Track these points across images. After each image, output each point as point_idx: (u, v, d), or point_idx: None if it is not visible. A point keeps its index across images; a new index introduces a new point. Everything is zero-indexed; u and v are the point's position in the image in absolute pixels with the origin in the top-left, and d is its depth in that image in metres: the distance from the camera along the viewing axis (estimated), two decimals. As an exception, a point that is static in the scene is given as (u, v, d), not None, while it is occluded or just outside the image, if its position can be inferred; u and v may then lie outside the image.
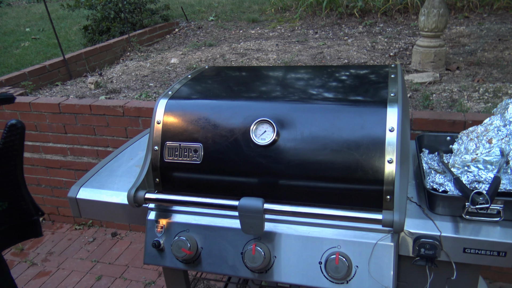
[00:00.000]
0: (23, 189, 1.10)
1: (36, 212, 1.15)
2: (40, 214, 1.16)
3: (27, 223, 1.13)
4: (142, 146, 1.79)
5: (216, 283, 2.68)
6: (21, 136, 1.05)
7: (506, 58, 3.52)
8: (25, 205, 1.11)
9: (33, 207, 1.13)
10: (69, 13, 6.82)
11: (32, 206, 1.13)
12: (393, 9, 5.01)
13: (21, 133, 1.04)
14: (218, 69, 1.74)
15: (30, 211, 1.12)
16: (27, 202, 1.11)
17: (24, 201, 1.11)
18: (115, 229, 3.38)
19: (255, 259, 1.21)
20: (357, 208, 1.16)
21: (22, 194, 1.10)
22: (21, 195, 1.10)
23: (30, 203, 1.12)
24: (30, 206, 1.12)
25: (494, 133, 1.30)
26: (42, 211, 1.16)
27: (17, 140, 1.04)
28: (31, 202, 1.13)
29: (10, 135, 1.03)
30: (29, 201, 1.12)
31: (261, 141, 1.21)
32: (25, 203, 1.11)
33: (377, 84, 1.37)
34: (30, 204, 1.12)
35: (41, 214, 1.17)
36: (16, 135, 1.04)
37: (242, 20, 5.79)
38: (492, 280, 2.49)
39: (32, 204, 1.13)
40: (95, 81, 3.76)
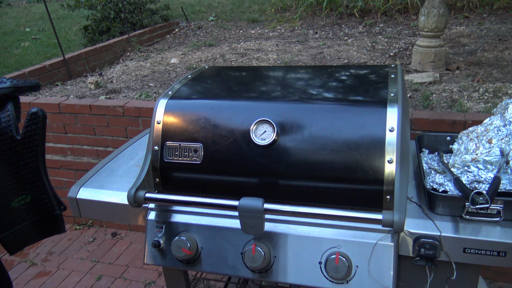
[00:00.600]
0: (45, 182, 1.06)
1: (59, 207, 1.11)
2: (62, 209, 1.12)
3: (49, 218, 1.10)
4: (142, 146, 1.79)
5: (216, 283, 2.68)
6: (42, 125, 1.01)
7: (506, 58, 3.52)
8: (47, 198, 1.07)
9: (56, 201, 1.10)
10: (69, 13, 6.82)
11: (54, 200, 1.09)
12: (393, 9, 5.01)
13: (42, 121, 1.00)
14: (218, 69, 1.74)
15: (52, 205, 1.09)
16: (50, 196, 1.08)
17: (46, 194, 1.07)
18: (115, 229, 3.38)
19: (255, 259, 1.21)
20: (357, 208, 1.16)
21: (45, 187, 1.06)
22: (44, 188, 1.06)
23: (52, 197, 1.08)
24: (53, 199, 1.09)
25: (494, 133, 1.30)
26: (64, 205, 1.11)
27: (38, 129, 1.00)
28: (54, 196, 1.09)
29: (31, 124, 0.99)
30: (52, 195, 1.08)
31: (261, 141, 1.21)
32: (47, 196, 1.07)
33: (377, 84, 1.37)
34: (52, 198, 1.08)
35: (63, 209, 1.12)
36: (37, 123, 1.00)
37: (242, 20, 5.79)
38: (492, 280, 2.49)
39: (54, 197, 1.09)
40: (95, 81, 3.76)
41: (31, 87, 1.01)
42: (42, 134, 1.02)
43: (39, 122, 1.00)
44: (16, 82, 0.98)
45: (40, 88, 1.05)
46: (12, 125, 0.97)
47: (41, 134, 1.01)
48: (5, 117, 0.96)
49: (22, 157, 1.01)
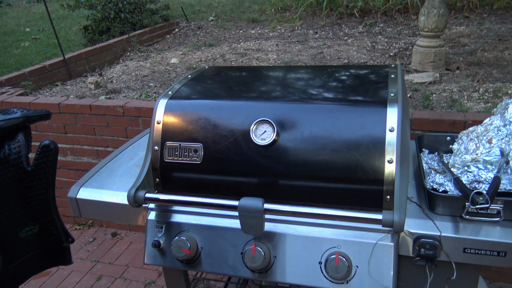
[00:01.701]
0: (54, 214, 1.07)
1: (66, 239, 1.11)
2: (70, 241, 1.12)
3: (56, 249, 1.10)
4: (142, 146, 1.79)
5: (216, 283, 2.68)
6: (53, 158, 1.02)
7: (506, 58, 3.52)
8: (55, 230, 1.08)
9: (63, 234, 1.10)
10: (69, 13, 6.82)
11: (62, 232, 1.09)
12: (393, 9, 5.01)
13: (54, 154, 1.01)
14: (218, 69, 1.74)
15: (60, 237, 1.09)
16: (58, 228, 1.08)
17: (54, 226, 1.07)
18: (115, 229, 3.38)
19: (255, 259, 1.21)
20: (357, 208, 1.16)
21: (53, 219, 1.07)
22: (52, 220, 1.07)
23: (60, 229, 1.09)
24: (61, 232, 1.09)
25: (494, 133, 1.30)
26: (72, 237, 1.12)
27: (49, 162, 1.01)
28: (62, 228, 1.09)
29: (42, 157, 1.00)
30: (60, 227, 1.09)
31: (261, 141, 1.21)
32: (55, 228, 1.07)
33: (377, 84, 1.37)
34: (60, 230, 1.09)
35: (71, 241, 1.12)
36: (48, 156, 1.00)
37: (242, 20, 5.79)
38: (492, 280, 2.49)
39: (62, 230, 1.09)
40: (95, 81, 3.76)
41: (41, 116, 1.01)
42: (53, 167, 1.02)
43: (51, 155, 1.01)
44: (27, 112, 0.99)
45: (50, 116, 1.05)
46: (22, 156, 0.97)
47: (52, 167, 1.02)
48: (16, 148, 0.96)
49: (31, 189, 1.01)
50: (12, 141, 0.96)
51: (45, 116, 1.02)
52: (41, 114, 1.01)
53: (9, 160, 0.96)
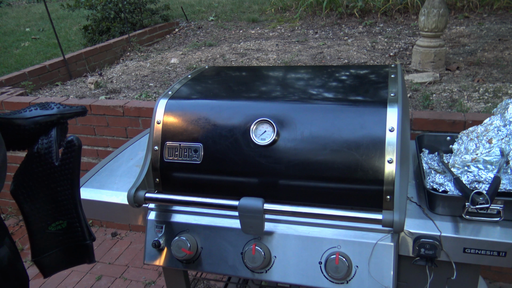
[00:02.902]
0: (79, 211, 1.08)
1: (89, 237, 1.11)
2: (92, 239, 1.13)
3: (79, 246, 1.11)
4: (142, 146, 1.79)
5: (216, 283, 2.68)
6: (77, 154, 1.01)
7: (506, 58, 3.52)
8: (80, 227, 1.08)
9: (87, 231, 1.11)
10: (69, 13, 6.82)
11: (86, 229, 1.10)
12: (393, 9, 5.01)
13: (77, 150, 1.01)
14: (218, 69, 1.74)
15: (84, 234, 1.09)
16: (82, 225, 1.09)
17: (79, 222, 1.08)
18: (115, 229, 3.38)
19: (255, 259, 1.21)
20: (357, 208, 1.16)
21: (79, 216, 1.08)
22: (78, 216, 1.07)
23: (84, 226, 1.09)
24: (85, 229, 1.09)
25: (494, 133, 1.30)
26: (94, 236, 1.12)
27: (72, 158, 1.01)
28: (86, 225, 1.10)
29: (67, 152, 1.00)
30: (84, 224, 1.09)
31: (261, 141, 1.21)
32: (80, 225, 1.08)
33: (377, 84, 1.37)
34: (84, 227, 1.09)
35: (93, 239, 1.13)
36: (71, 152, 1.00)
37: (242, 20, 5.79)
38: (492, 280, 2.49)
39: (86, 227, 1.10)
40: (95, 81, 3.76)
41: (77, 113, 1.02)
42: (77, 163, 1.03)
43: (74, 151, 1.01)
44: (63, 108, 1.00)
45: (86, 113, 1.05)
46: (52, 151, 0.98)
47: (75, 163, 1.02)
48: (47, 143, 0.98)
49: (59, 183, 1.02)
50: (45, 136, 0.98)
51: (80, 113, 1.03)
52: (76, 112, 1.02)
53: (41, 154, 0.98)
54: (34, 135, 0.97)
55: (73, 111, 1.01)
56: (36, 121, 0.96)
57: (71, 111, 1.01)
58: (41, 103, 0.99)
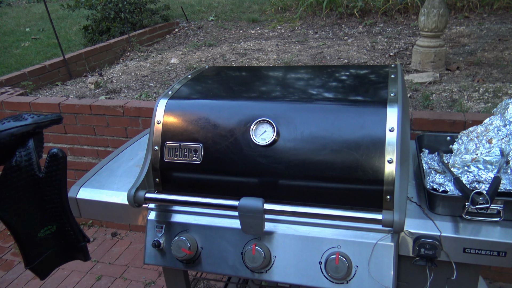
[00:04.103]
0: (69, 216, 1.11)
1: (83, 239, 1.15)
2: (86, 241, 1.16)
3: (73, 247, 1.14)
4: (142, 146, 1.79)
5: (216, 283, 2.68)
6: (63, 165, 1.04)
7: (506, 58, 3.52)
8: (72, 231, 1.12)
9: (80, 234, 1.14)
10: (69, 13, 6.82)
11: (78, 232, 1.14)
12: (393, 9, 5.01)
13: (63, 162, 1.03)
14: (218, 69, 1.74)
15: (77, 237, 1.13)
16: (74, 228, 1.12)
17: (70, 226, 1.11)
18: (115, 229, 3.38)
19: (255, 259, 1.21)
20: (357, 208, 1.16)
21: (69, 220, 1.10)
22: (68, 221, 1.10)
23: (76, 230, 1.13)
24: (77, 232, 1.13)
25: (494, 133, 1.30)
26: (88, 237, 1.15)
27: (59, 170, 1.03)
28: (78, 229, 1.13)
29: (52, 165, 1.02)
30: (76, 228, 1.13)
31: (261, 141, 1.21)
32: (71, 229, 1.12)
33: (377, 84, 1.37)
34: (76, 230, 1.13)
35: (87, 241, 1.16)
36: (58, 164, 1.02)
37: (242, 20, 5.79)
38: (492, 280, 2.49)
39: (78, 230, 1.13)
40: (95, 81, 3.76)
41: (52, 121, 1.02)
42: (64, 174, 1.05)
43: (60, 163, 1.02)
44: (37, 118, 1.00)
45: (62, 121, 1.06)
46: (33, 163, 0.99)
47: (62, 174, 1.04)
48: (26, 155, 0.98)
49: (45, 193, 1.04)
50: (23, 148, 0.98)
51: (56, 121, 1.03)
52: (52, 119, 1.02)
53: (21, 167, 0.98)
54: (11, 148, 0.97)
55: (48, 119, 1.01)
56: (11, 133, 0.96)
57: (46, 120, 1.01)
58: (13, 116, 0.99)
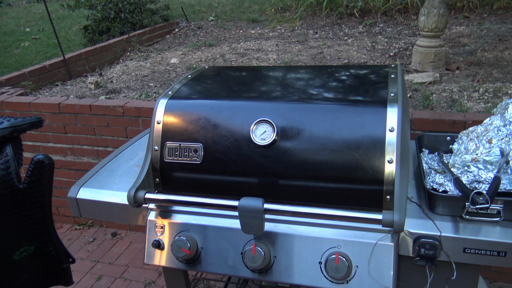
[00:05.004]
0: (51, 233, 0.98)
1: (66, 260, 1.02)
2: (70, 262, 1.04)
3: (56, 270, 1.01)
4: (142, 146, 1.79)
5: (216, 283, 2.68)
6: (49, 174, 0.91)
7: (506, 58, 3.52)
8: (54, 250, 0.99)
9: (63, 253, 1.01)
10: (69, 13, 6.82)
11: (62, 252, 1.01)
12: (393, 9, 5.01)
13: (49, 170, 0.91)
14: (218, 69, 1.74)
15: (59, 257, 1.00)
16: (56, 248, 0.99)
17: (53, 246, 0.98)
18: (115, 229, 3.38)
19: (255, 259, 1.21)
20: (357, 208, 1.16)
21: (51, 239, 0.98)
22: (50, 240, 0.97)
23: (59, 249, 1.00)
24: (60, 252, 1.00)
25: (494, 133, 1.30)
26: (73, 258, 1.03)
27: (44, 180, 0.91)
28: (61, 248, 1.00)
29: (36, 173, 0.90)
30: (59, 247, 1.00)
31: (261, 141, 1.21)
32: (54, 248, 0.99)
33: (377, 84, 1.37)
34: (59, 250, 1.00)
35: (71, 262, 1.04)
36: (43, 173, 0.90)
37: (242, 20, 5.79)
38: (492, 280, 2.49)
39: (62, 250, 1.01)
40: (95, 81, 3.76)
41: (32, 124, 0.92)
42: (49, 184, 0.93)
43: (45, 171, 0.91)
44: (14, 121, 0.89)
45: (42, 124, 0.95)
46: (12, 172, 0.87)
47: (47, 184, 0.92)
48: (3, 164, 0.87)
49: (25, 208, 0.91)
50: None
51: (36, 124, 0.92)
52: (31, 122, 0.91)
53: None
54: None
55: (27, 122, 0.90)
56: None
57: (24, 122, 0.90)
58: None
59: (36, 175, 0.90)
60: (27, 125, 0.91)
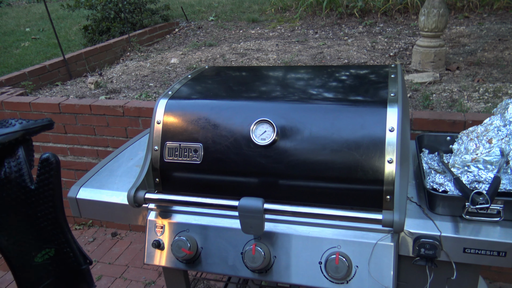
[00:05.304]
0: (67, 234, 0.96)
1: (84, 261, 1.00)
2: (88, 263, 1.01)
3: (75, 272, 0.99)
4: (142, 146, 1.79)
5: (216, 283, 2.68)
6: (56, 172, 0.91)
7: (506, 58, 3.52)
8: (71, 252, 0.97)
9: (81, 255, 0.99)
10: (69, 13, 6.82)
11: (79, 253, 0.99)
12: (393, 9, 5.01)
13: (56, 168, 0.91)
14: (218, 69, 1.74)
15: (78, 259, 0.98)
16: (74, 249, 0.97)
17: (70, 247, 0.96)
18: (115, 229, 3.38)
19: (255, 259, 1.21)
20: (357, 208, 1.16)
21: (68, 240, 0.96)
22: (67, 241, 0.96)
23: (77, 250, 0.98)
24: (78, 253, 0.98)
25: (494, 133, 1.30)
26: (90, 259, 1.01)
27: (52, 178, 0.91)
28: (78, 249, 0.99)
29: (44, 172, 0.90)
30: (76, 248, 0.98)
31: (261, 141, 1.21)
32: (71, 250, 0.97)
33: (377, 84, 1.37)
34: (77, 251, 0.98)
35: (89, 263, 1.02)
36: (50, 171, 0.90)
37: (242, 20, 5.79)
38: (492, 280, 2.49)
39: (79, 251, 0.99)
40: (95, 81, 3.76)
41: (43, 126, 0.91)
42: (58, 183, 0.92)
43: (52, 169, 0.91)
44: (26, 123, 0.89)
45: (53, 126, 0.94)
46: (25, 173, 0.87)
47: (56, 183, 0.92)
48: (16, 166, 0.87)
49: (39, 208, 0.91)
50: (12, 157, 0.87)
51: (47, 126, 0.92)
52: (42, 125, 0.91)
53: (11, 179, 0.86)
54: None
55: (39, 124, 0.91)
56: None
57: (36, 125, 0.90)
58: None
59: (44, 173, 0.91)
60: (39, 128, 0.91)
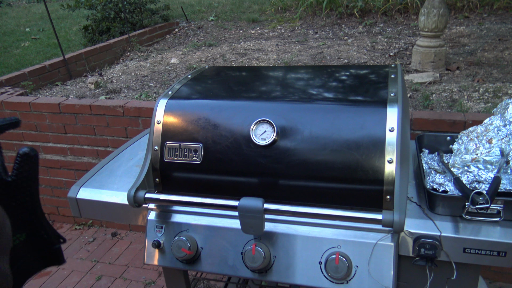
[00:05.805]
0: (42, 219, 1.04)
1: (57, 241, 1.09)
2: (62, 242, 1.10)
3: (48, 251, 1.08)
4: (142, 146, 1.79)
5: (216, 283, 2.68)
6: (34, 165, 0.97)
7: (506, 58, 3.52)
8: (45, 234, 1.05)
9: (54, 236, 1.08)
10: (69, 13, 6.82)
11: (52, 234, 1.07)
12: (393, 9, 5.01)
13: (34, 162, 0.96)
14: (218, 69, 1.74)
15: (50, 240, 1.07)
16: (47, 232, 1.05)
17: (44, 230, 1.05)
18: (115, 229, 3.38)
19: (255, 259, 1.21)
20: (357, 208, 1.16)
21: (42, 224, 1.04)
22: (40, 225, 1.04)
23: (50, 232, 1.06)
24: (51, 235, 1.06)
25: (494, 133, 1.30)
26: (63, 238, 1.09)
27: (31, 171, 0.96)
28: (52, 231, 1.07)
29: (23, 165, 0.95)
30: (49, 230, 1.06)
31: (261, 141, 1.21)
32: (45, 232, 1.05)
33: (377, 84, 1.37)
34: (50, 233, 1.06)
35: (62, 242, 1.10)
36: (29, 164, 0.95)
37: (242, 20, 5.79)
38: (492, 280, 2.49)
39: (52, 232, 1.07)
40: (95, 81, 3.76)
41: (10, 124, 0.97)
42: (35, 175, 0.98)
43: (31, 163, 0.96)
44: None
45: (20, 124, 1.00)
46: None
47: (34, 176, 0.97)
48: None
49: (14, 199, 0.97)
50: None
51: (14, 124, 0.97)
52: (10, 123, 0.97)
53: None
54: None
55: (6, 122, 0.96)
56: None
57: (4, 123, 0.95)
58: None
59: (23, 167, 0.95)
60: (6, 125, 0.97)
